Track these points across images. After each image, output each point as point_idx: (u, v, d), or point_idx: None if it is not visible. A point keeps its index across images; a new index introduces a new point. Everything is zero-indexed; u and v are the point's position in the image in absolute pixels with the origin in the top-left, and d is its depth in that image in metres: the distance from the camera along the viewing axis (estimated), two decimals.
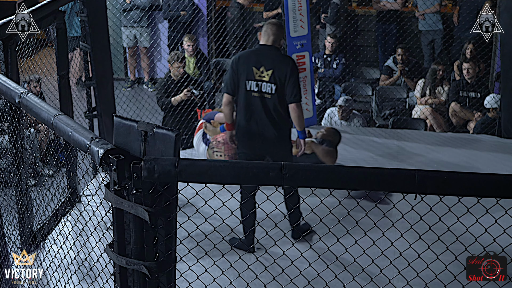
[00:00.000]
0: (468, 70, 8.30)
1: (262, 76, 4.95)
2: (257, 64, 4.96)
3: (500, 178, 2.25)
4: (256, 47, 5.17)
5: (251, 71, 4.96)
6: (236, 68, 5.00)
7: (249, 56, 5.05)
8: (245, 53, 5.16)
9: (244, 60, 5.01)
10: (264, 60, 4.98)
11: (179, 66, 7.96)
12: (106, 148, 2.41)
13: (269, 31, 5.04)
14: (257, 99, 4.98)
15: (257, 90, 4.97)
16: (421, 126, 8.26)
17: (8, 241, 4.59)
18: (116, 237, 2.52)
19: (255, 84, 4.96)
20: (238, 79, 4.99)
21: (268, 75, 4.94)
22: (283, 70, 4.95)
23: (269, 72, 4.94)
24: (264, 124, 5.01)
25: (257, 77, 4.96)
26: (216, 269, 3.37)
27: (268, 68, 4.95)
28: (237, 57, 5.07)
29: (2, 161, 6.54)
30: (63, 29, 5.51)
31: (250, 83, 4.96)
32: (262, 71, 4.95)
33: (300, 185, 2.34)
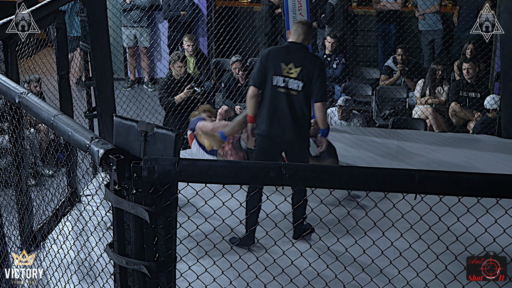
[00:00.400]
0: (468, 70, 8.30)
1: (290, 73, 4.99)
2: (286, 60, 5.01)
3: (500, 178, 2.25)
4: (286, 44, 5.19)
5: (280, 66, 5.00)
6: (265, 62, 5.03)
7: (278, 51, 5.10)
8: (275, 48, 5.21)
9: (273, 55, 5.05)
10: (293, 57, 5.02)
11: (180, 66, 7.96)
12: (106, 148, 2.41)
13: (300, 30, 5.09)
14: (283, 95, 5.01)
15: (284, 86, 5.00)
16: (421, 126, 8.27)
17: (8, 241, 4.59)
18: (116, 237, 2.52)
19: (282, 80, 5.00)
20: (266, 73, 5.02)
21: (296, 72, 4.99)
22: (312, 69, 5.00)
23: (297, 69, 4.99)
24: (286, 120, 5.03)
25: (284, 73, 4.99)
26: (216, 269, 3.37)
27: (297, 65, 4.99)
28: (267, 51, 5.10)
29: (2, 161, 6.54)
30: (63, 29, 5.51)
31: (277, 78, 5.00)
32: (290, 68, 5.00)
33: (300, 185, 2.34)
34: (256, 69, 5.10)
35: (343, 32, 10.01)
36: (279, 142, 5.08)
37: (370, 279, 3.25)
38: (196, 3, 10.35)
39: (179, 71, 7.98)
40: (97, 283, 3.45)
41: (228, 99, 8.89)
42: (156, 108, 8.81)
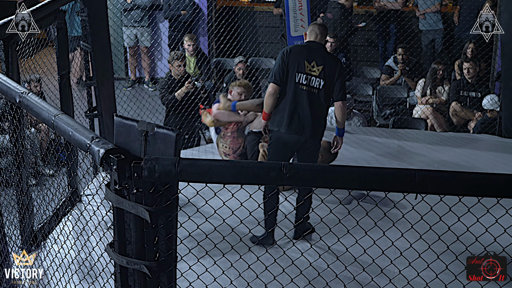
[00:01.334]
0: (468, 70, 8.30)
1: (312, 71, 5.03)
2: (309, 58, 5.06)
3: (501, 178, 2.25)
4: (306, 43, 5.20)
5: (303, 64, 5.04)
6: (286, 59, 5.05)
7: (301, 49, 5.13)
8: (296, 46, 5.22)
9: (295, 52, 5.08)
10: (315, 55, 5.07)
11: (180, 65, 7.96)
12: (107, 147, 2.41)
13: (317, 30, 5.16)
14: (305, 92, 5.04)
15: (306, 83, 5.03)
16: (421, 125, 8.26)
17: (9, 241, 4.59)
18: (116, 236, 2.52)
19: (305, 77, 5.03)
20: (288, 70, 5.04)
21: (318, 70, 5.03)
22: (333, 68, 5.07)
23: (319, 67, 5.04)
24: (306, 118, 5.05)
25: (307, 70, 5.03)
26: (216, 268, 3.37)
27: (319, 64, 5.05)
28: (288, 49, 5.12)
29: (3, 160, 6.54)
30: (63, 29, 5.51)
31: (300, 75, 5.04)
32: (313, 66, 5.04)
33: (301, 185, 2.34)
34: (277, 66, 5.10)
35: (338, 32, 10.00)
36: (296, 139, 5.09)
37: (371, 279, 3.25)
38: (196, 2, 10.35)
39: (178, 70, 7.98)
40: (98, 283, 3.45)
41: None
42: (157, 107, 8.82)
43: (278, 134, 5.11)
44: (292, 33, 7.45)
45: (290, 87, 5.05)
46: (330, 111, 8.39)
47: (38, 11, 5.03)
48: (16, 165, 4.53)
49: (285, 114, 5.07)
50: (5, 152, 6.50)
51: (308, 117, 5.05)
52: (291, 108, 5.05)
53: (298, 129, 5.06)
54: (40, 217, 5.10)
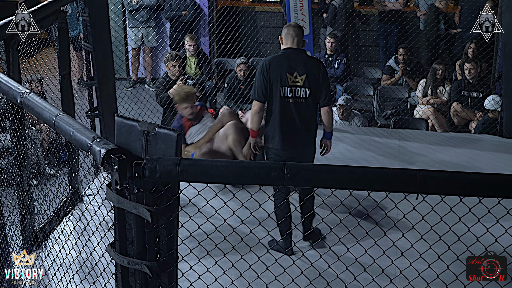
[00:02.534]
0: (470, 70, 8.30)
1: (296, 81, 4.89)
2: (290, 70, 4.89)
3: (502, 178, 2.25)
4: (283, 51, 5.01)
5: (285, 77, 4.87)
6: (267, 75, 4.88)
7: (280, 60, 4.93)
8: (274, 58, 4.98)
9: (275, 65, 4.89)
10: (296, 64, 4.90)
11: (175, 65, 7.97)
12: (108, 147, 2.41)
13: (292, 33, 4.97)
14: (292, 105, 4.91)
15: (291, 96, 4.90)
16: (422, 126, 8.26)
17: (10, 241, 4.60)
18: (117, 236, 2.52)
19: (289, 90, 4.89)
20: (271, 85, 4.88)
21: (302, 80, 4.89)
22: (316, 74, 4.92)
23: (302, 76, 4.89)
24: (298, 130, 4.95)
25: (290, 82, 4.88)
26: (217, 268, 3.37)
27: (302, 73, 4.89)
28: (267, 63, 4.92)
29: (4, 160, 6.55)
30: (64, 29, 5.52)
31: (284, 89, 4.88)
32: (295, 76, 4.89)
33: (301, 185, 2.34)
34: (258, 83, 4.93)
35: (345, 32, 10.01)
36: (293, 153, 5.00)
37: (372, 279, 3.25)
38: (197, 2, 10.35)
39: (173, 70, 8.00)
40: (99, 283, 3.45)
41: (230, 99, 8.89)
42: (158, 108, 8.82)
43: (274, 151, 5.02)
44: None
45: (276, 103, 4.91)
46: None
47: (39, 11, 5.03)
48: (17, 165, 4.54)
49: (276, 131, 4.96)
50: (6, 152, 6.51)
51: (300, 129, 4.96)
52: (281, 125, 4.93)
53: (293, 143, 4.98)
54: (41, 217, 5.10)
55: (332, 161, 6.78)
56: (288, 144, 4.97)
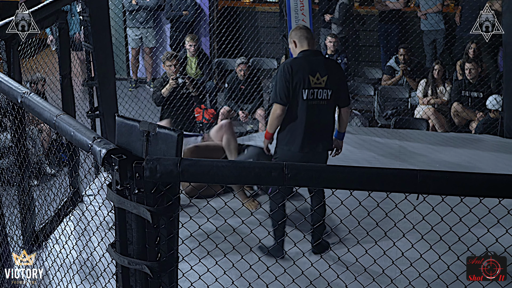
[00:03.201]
0: (470, 70, 8.30)
1: (318, 83, 4.82)
2: (312, 72, 4.81)
3: (502, 178, 2.24)
4: (302, 54, 4.94)
5: (308, 79, 4.80)
6: (289, 77, 4.79)
7: (301, 63, 4.86)
8: (296, 61, 4.90)
9: (298, 68, 4.82)
10: (316, 66, 4.85)
11: (170, 65, 7.98)
12: (108, 148, 2.41)
13: (306, 35, 4.94)
14: (315, 107, 4.83)
15: (314, 98, 4.82)
16: (423, 126, 8.26)
17: (11, 241, 4.60)
18: (118, 237, 2.52)
19: (311, 92, 4.81)
20: (294, 88, 4.80)
21: (324, 81, 4.82)
22: (336, 75, 4.89)
23: (324, 78, 4.83)
24: (321, 132, 4.90)
25: (313, 84, 4.81)
26: (218, 268, 3.37)
27: (323, 74, 4.83)
28: (289, 66, 4.84)
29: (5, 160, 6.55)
30: (65, 29, 5.52)
31: (307, 91, 4.80)
32: (317, 78, 4.82)
33: (302, 185, 2.34)
34: (280, 86, 4.83)
35: (346, 32, 10.01)
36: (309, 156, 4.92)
37: (373, 279, 3.25)
38: (198, 3, 10.36)
39: (169, 70, 8.01)
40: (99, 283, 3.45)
41: (230, 99, 8.90)
42: (159, 108, 8.82)
43: (289, 152, 4.91)
44: None
45: (299, 105, 4.83)
46: None
47: (40, 11, 5.03)
48: (17, 165, 4.54)
49: (297, 134, 4.86)
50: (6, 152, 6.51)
51: (322, 131, 4.90)
52: (305, 127, 4.84)
53: (312, 146, 4.90)
54: (42, 217, 5.10)
55: (333, 161, 6.77)
56: (308, 147, 4.90)
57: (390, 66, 9.43)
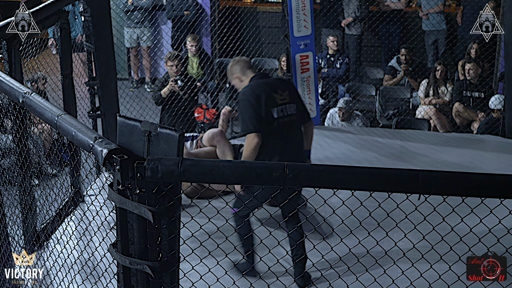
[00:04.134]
0: (469, 71, 8.29)
1: (283, 99, 4.69)
2: (273, 90, 4.68)
3: (504, 179, 2.24)
4: (254, 80, 4.78)
5: (273, 97, 4.65)
6: (255, 101, 4.61)
7: (260, 85, 4.70)
8: (254, 85, 4.73)
9: (259, 91, 4.65)
10: (274, 84, 4.74)
11: (172, 65, 7.99)
12: (110, 148, 2.41)
13: (247, 65, 4.86)
14: (287, 124, 4.69)
15: (284, 115, 4.68)
16: (424, 126, 8.26)
17: (12, 241, 4.60)
18: (119, 237, 2.52)
19: (281, 109, 4.67)
20: (264, 110, 4.62)
21: (287, 96, 4.72)
22: (293, 89, 4.86)
23: (286, 92, 4.73)
24: (294, 149, 4.72)
25: (279, 101, 4.67)
26: (219, 269, 3.37)
27: (284, 89, 4.73)
28: (250, 91, 4.67)
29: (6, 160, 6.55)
30: (66, 29, 5.52)
31: (277, 109, 4.64)
32: (280, 94, 4.70)
33: (303, 185, 2.34)
34: (249, 114, 4.60)
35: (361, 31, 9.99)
36: None
37: (374, 280, 3.25)
38: (199, 3, 10.36)
39: (171, 70, 8.03)
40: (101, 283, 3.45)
41: (232, 99, 8.90)
42: (160, 108, 8.82)
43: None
44: (295, 33, 7.45)
45: (272, 126, 4.63)
46: (329, 115, 8.42)
47: (41, 11, 5.03)
48: (19, 165, 4.54)
49: (273, 155, 4.63)
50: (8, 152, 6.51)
51: (295, 147, 4.74)
52: (279, 148, 4.64)
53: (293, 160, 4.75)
54: (43, 217, 5.10)
55: (334, 162, 6.78)
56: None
57: (392, 66, 9.43)
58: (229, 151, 6.16)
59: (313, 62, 7.60)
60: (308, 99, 7.63)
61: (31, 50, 5.21)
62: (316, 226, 5.26)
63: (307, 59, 7.55)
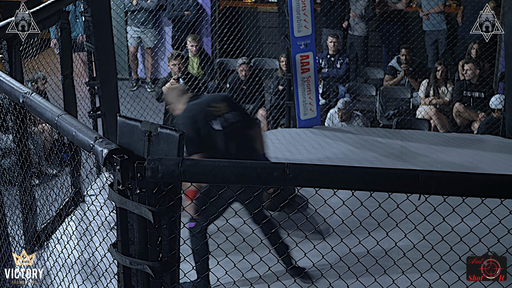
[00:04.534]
0: (466, 72, 8.30)
1: (219, 110, 4.66)
2: (207, 105, 4.70)
3: (504, 179, 2.24)
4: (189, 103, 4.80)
5: (209, 111, 4.64)
6: (189, 122, 4.59)
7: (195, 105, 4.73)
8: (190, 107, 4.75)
9: (195, 110, 4.67)
10: (207, 100, 4.77)
11: (174, 64, 8.00)
12: (110, 148, 2.42)
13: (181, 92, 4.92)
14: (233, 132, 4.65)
15: (228, 125, 4.64)
16: (425, 126, 8.25)
17: (12, 241, 4.60)
18: (120, 237, 2.52)
19: (222, 120, 4.64)
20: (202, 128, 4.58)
21: (225, 106, 4.70)
22: (230, 99, 4.89)
23: (223, 104, 4.71)
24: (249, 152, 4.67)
25: (217, 113, 4.64)
26: (220, 268, 3.37)
27: (219, 102, 4.73)
28: (182, 116, 4.69)
29: (6, 160, 6.55)
30: (67, 29, 5.52)
31: (215, 122, 4.62)
32: (215, 107, 4.67)
33: (303, 185, 2.34)
34: (190, 137, 4.51)
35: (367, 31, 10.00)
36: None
37: (374, 280, 3.25)
38: (200, 3, 10.36)
39: (173, 69, 8.04)
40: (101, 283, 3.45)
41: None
42: (160, 108, 8.82)
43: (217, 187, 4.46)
44: (295, 33, 7.44)
45: (215, 139, 4.59)
46: (329, 115, 8.42)
47: (41, 11, 5.03)
48: (19, 165, 4.54)
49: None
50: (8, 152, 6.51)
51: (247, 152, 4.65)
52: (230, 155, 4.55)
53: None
54: (43, 217, 5.10)
55: (334, 162, 6.77)
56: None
57: (392, 66, 9.43)
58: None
59: (314, 62, 7.60)
60: (309, 99, 7.63)
61: (31, 50, 5.21)
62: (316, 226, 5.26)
63: (307, 59, 7.55)
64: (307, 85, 7.60)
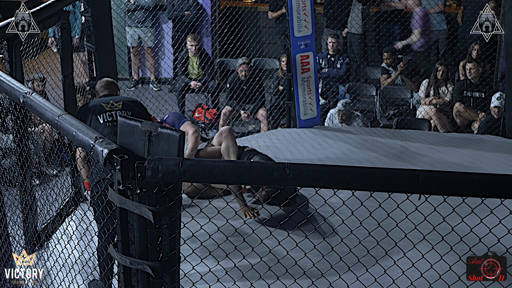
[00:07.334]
0: (470, 70, 8.29)
1: (113, 107, 4.67)
2: (104, 101, 4.69)
3: (505, 179, 2.25)
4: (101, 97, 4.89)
5: (100, 106, 4.63)
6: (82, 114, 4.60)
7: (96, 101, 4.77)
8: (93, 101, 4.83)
9: (92, 104, 4.69)
10: (109, 99, 4.76)
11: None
12: (110, 148, 2.42)
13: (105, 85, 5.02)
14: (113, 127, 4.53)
15: (112, 120, 4.61)
16: (425, 126, 8.25)
17: (12, 241, 4.60)
18: (120, 236, 2.52)
19: (108, 115, 4.62)
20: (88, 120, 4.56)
21: (120, 105, 4.70)
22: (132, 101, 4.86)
23: (119, 103, 4.71)
24: None
25: (107, 108, 4.65)
26: (220, 269, 3.37)
27: (118, 101, 4.73)
28: (83, 106, 4.75)
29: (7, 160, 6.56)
30: (67, 29, 5.52)
31: (103, 115, 4.60)
32: (112, 104, 4.67)
33: (304, 185, 2.34)
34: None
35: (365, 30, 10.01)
36: None
37: (374, 280, 3.25)
38: (200, 3, 10.36)
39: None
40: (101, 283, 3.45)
41: (232, 99, 8.90)
42: (160, 108, 8.82)
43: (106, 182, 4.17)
44: (295, 33, 7.44)
45: (100, 131, 4.44)
46: (329, 115, 8.42)
47: (42, 11, 5.03)
48: (19, 165, 4.54)
49: None
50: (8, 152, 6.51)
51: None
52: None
53: None
54: (44, 217, 5.11)
55: (335, 162, 6.77)
56: None
57: (384, 67, 9.46)
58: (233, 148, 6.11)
59: (314, 62, 7.60)
60: (309, 99, 7.63)
61: (31, 50, 5.22)
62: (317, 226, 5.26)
63: (307, 59, 7.55)
64: (307, 85, 7.60)
